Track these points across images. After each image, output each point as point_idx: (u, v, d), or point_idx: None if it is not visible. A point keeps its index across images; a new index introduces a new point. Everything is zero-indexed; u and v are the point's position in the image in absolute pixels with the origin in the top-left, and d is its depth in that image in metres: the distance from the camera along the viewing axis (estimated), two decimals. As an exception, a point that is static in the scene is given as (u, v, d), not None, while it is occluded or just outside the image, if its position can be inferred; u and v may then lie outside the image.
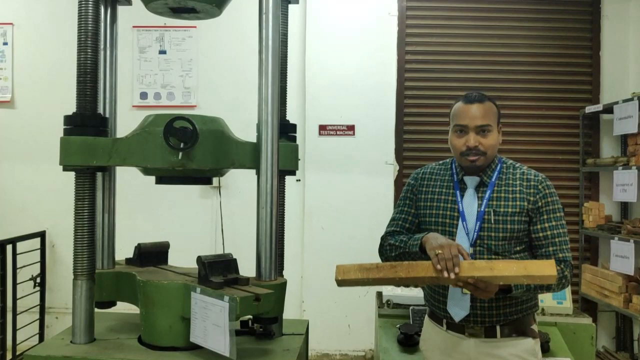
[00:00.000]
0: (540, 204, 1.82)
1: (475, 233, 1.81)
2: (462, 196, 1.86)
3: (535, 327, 1.89)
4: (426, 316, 2.03)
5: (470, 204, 1.84)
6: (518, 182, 1.85)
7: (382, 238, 1.99)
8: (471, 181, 1.87)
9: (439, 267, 1.59)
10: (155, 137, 1.73)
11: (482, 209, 1.82)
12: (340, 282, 1.64)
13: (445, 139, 1.99)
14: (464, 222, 1.82)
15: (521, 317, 1.84)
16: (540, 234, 1.81)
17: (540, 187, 1.83)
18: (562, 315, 2.79)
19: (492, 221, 1.80)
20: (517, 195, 1.83)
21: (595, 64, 4.32)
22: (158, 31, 4.41)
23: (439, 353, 1.90)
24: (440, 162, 2.02)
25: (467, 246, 1.79)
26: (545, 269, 1.58)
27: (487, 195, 1.84)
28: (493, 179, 1.86)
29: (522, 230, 1.82)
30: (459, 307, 1.80)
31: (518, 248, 1.82)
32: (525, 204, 1.81)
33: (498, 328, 1.82)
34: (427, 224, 1.91)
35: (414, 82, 4.35)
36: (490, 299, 1.76)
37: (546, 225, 1.81)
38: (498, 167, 1.88)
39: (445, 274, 1.58)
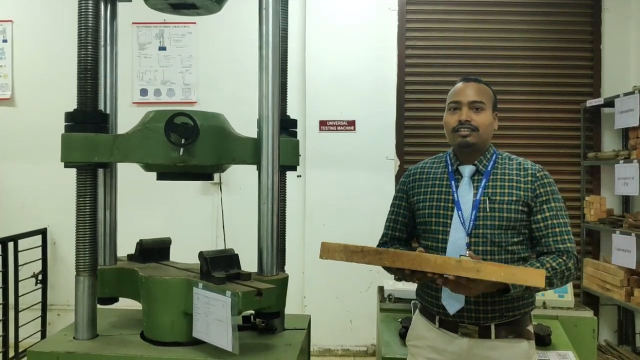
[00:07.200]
0: (539, 192, 1.78)
1: (472, 222, 1.77)
2: (457, 186, 1.84)
3: (531, 327, 1.84)
4: (417, 311, 1.99)
5: (465, 193, 1.82)
6: (515, 172, 1.82)
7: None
8: (466, 170, 1.85)
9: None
10: (156, 134, 1.73)
11: (477, 198, 1.79)
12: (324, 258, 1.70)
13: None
14: (459, 212, 1.79)
15: (518, 317, 1.79)
16: (541, 224, 1.77)
17: (538, 174, 1.81)
18: (563, 308, 2.79)
19: (488, 209, 1.77)
20: (514, 184, 1.80)
21: (596, 58, 4.32)
22: (158, 27, 4.41)
23: (429, 351, 1.85)
24: (434, 156, 2.00)
25: (464, 236, 1.76)
26: (533, 278, 1.48)
27: (482, 184, 1.81)
28: (489, 168, 1.84)
29: (519, 220, 1.77)
30: (454, 298, 1.76)
31: (516, 239, 1.77)
32: (523, 193, 1.78)
33: (493, 327, 1.76)
34: (422, 216, 1.88)
35: (414, 77, 4.35)
36: (485, 294, 1.72)
37: (547, 214, 1.77)
38: (493, 157, 1.86)
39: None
